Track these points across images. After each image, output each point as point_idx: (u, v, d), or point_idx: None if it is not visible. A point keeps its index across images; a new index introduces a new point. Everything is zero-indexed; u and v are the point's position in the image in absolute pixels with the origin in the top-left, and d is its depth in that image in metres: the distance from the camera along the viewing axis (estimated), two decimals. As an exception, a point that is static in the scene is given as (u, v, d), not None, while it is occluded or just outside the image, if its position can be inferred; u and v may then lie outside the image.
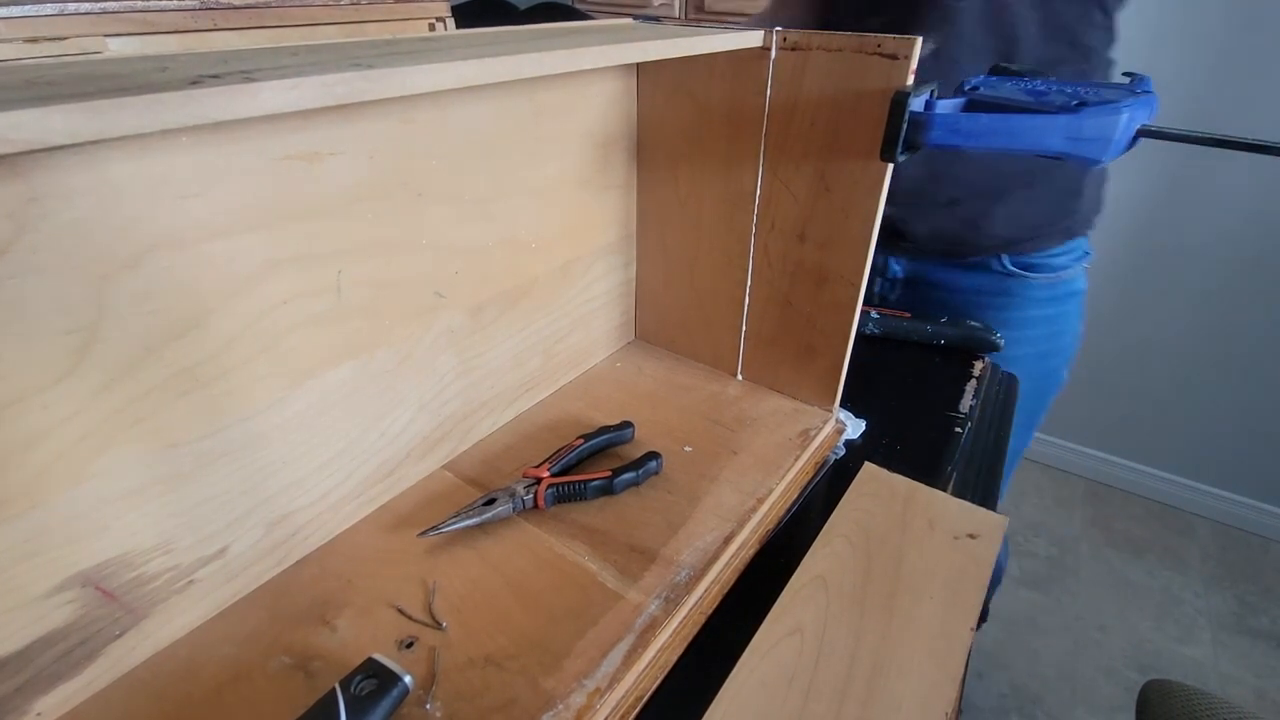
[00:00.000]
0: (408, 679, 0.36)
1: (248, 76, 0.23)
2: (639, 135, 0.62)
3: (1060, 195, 0.78)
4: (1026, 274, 0.81)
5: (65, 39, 0.89)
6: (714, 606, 0.47)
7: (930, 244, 0.83)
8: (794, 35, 0.49)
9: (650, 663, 0.42)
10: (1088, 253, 0.84)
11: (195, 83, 0.22)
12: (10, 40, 0.85)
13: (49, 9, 0.88)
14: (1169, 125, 0.45)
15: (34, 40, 0.87)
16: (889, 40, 0.46)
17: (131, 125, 0.20)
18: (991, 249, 0.80)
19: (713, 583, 0.47)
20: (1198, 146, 0.45)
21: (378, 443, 0.49)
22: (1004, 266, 0.81)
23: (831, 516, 0.53)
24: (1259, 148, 0.43)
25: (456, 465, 0.56)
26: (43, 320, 0.30)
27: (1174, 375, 1.54)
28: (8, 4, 0.83)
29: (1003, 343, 0.66)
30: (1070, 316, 0.86)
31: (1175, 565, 1.51)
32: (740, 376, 0.68)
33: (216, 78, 0.23)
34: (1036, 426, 0.94)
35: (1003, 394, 0.77)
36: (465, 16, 1.38)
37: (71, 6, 0.89)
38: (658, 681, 0.41)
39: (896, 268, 0.88)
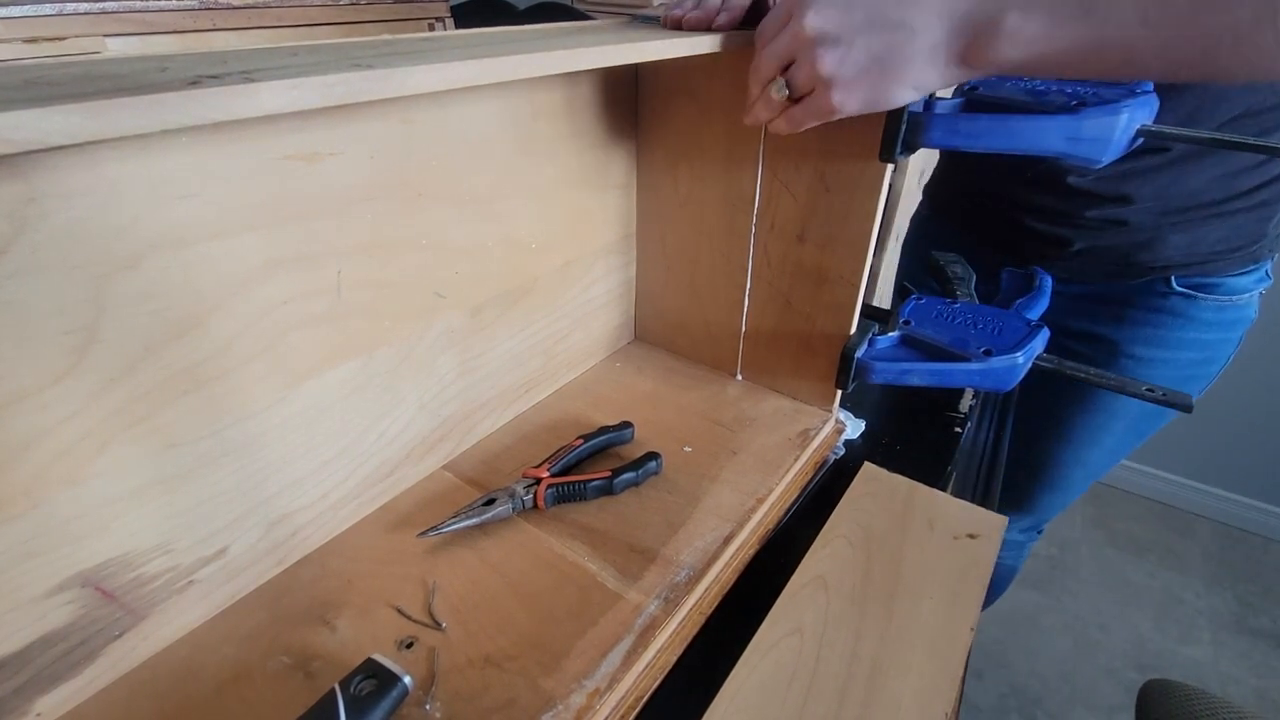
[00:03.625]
0: (407, 679, 0.36)
1: (247, 77, 0.23)
2: (639, 135, 0.62)
3: (1257, 217, 0.64)
4: (1194, 293, 0.67)
5: (64, 39, 0.89)
6: (714, 606, 0.46)
7: (1089, 264, 0.70)
8: (793, 35, 0.49)
9: (650, 663, 0.42)
10: (1268, 277, 0.69)
11: (195, 83, 0.22)
12: (9, 40, 0.85)
13: (48, 9, 0.88)
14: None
15: (33, 40, 0.87)
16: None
17: (131, 125, 0.20)
18: (1159, 270, 0.67)
19: (712, 583, 0.47)
20: (1198, 147, 0.45)
21: (377, 443, 0.49)
22: (1168, 286, 0.67)
23: (831, 516, 0.53)
24: (1259, 148, 0.43)
25: (456, 465, 0.56)
26: (42, 320, 0.30)
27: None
28: (7, 4, 0.83)
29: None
30: (1229, 344, 0.72)
31: (1175, 565, 1.51)
32: (740, 376, 0.68)
33: (216, 78, 0.23)
34: (1131, 449, 0.82)
35: (1002, 394, 0.77)
36: (464, 16, 1.38)
37: (70, 7, 0.89)
38: (657, 682, 0.41)
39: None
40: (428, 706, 0.37)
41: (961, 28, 0.35)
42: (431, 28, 1.28)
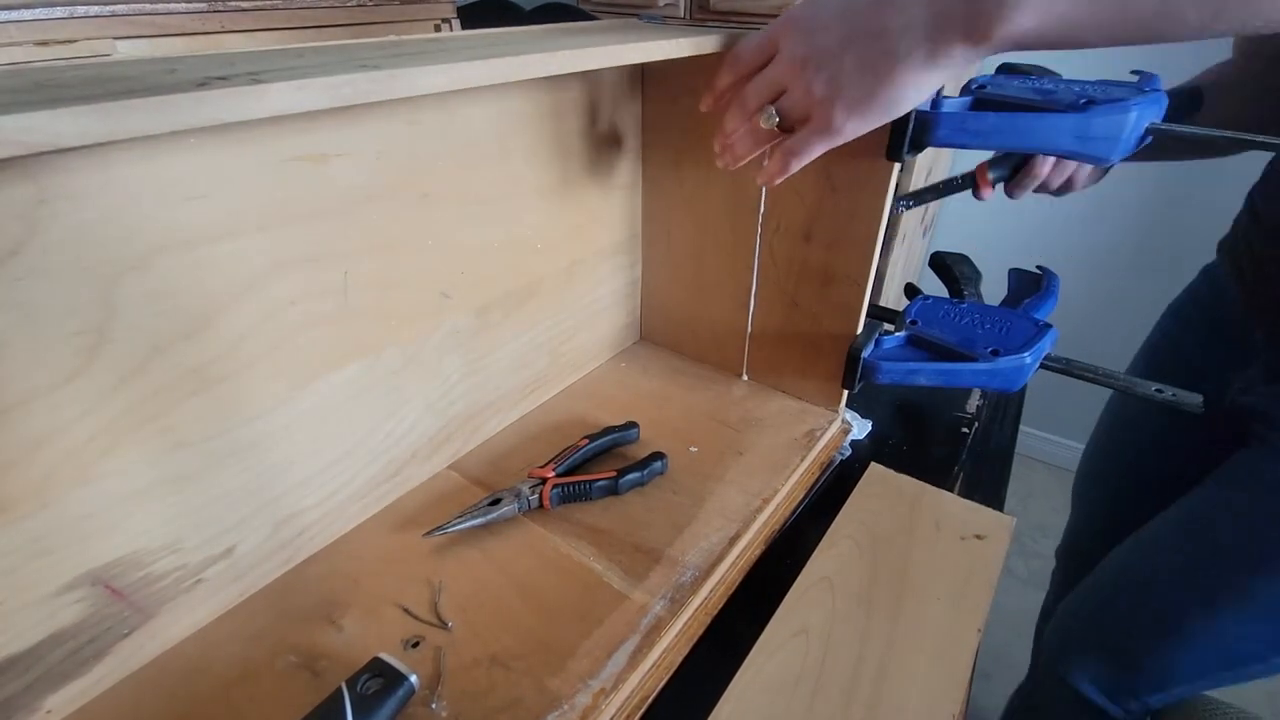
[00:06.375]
0: (413, 678, 0.36)
1: (255, 78, 0.23)
2: (644, 135, 0.62)
3: None
4: None
5: (74, 41, 0.90)
6: (719, 607, 0.46)
7: None
8: (800, 35, 0.49)
9: (655, 663, 0.42)
10: None
11: (203, 84, 0.22)
12: (20, 43, 0.85)
13: (58, 12, 0.88)
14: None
15: (44, 43, 0.88)
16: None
17: (140, 127, 0.20)
18: None
19: (718, 583, 0.47)
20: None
21: (384, 443, 0.49)
22: None
23: (837, 517, 0.53)
24: (1268, 145, 0.43)
25: (462, 465, 0.56)
26: (52, 321, 0.30)
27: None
28: (17, 7, 0.83)
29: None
30: None
31: (1184, 567, 1.50)
32: (746, 377, 0.68)
33: (224, 79, 0.23)
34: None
35: (1009, 394, 0.76)
36: (471, 17, 1.39)
37: (81, 9, 0.90)
38: (663, 682, 0.41)
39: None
40: (434, 705, 0.37)
41: (952, 7, 0.33)
42: (438, 29, 1.29)
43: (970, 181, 0.64)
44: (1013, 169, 0.62)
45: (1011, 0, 0.32)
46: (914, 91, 0.36)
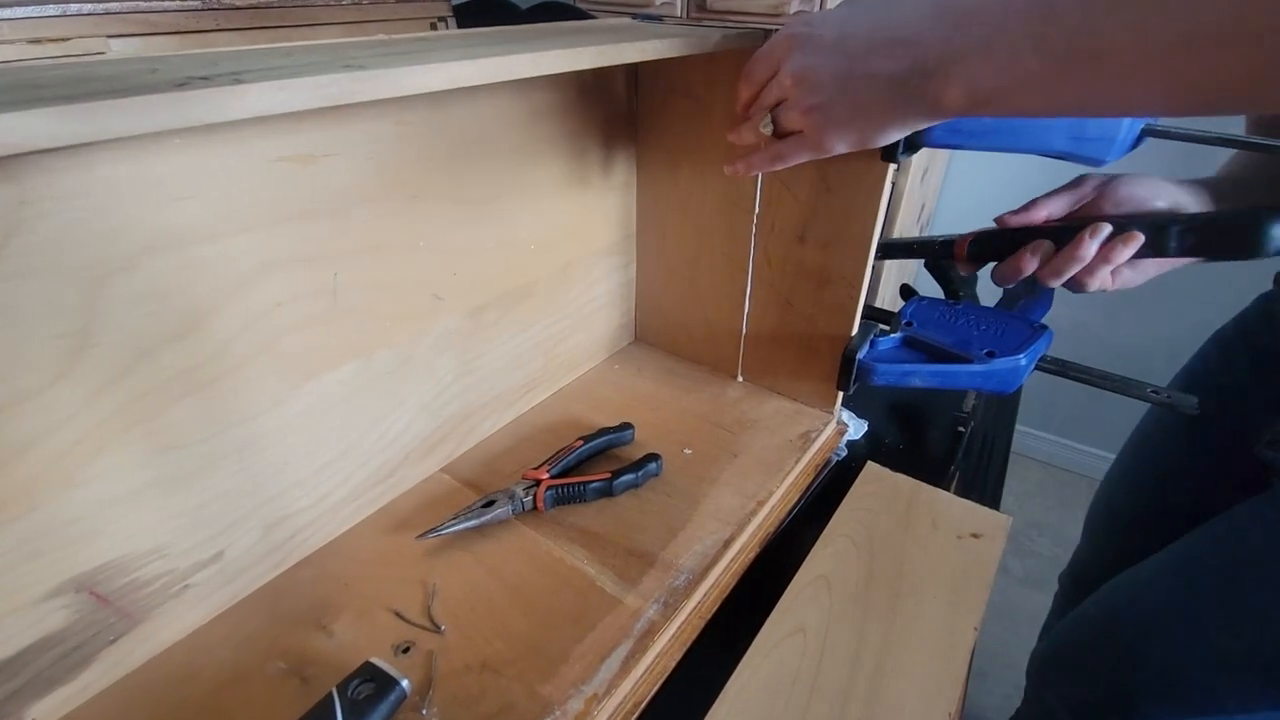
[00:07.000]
0: (405, 683, 0.36)
1: (236, 78, 0.23)
2: (639, 135, 0.62)
3: None
4: None
5: (68, 40, 0.89)
6: (713, 611, 0.46)
7: None
8: (794, 34, 0.49)
9: (649, 668, 0.41)
10: None
11: (183, 85, 0.22)
12: (13, 41, 0.85)
13: (51, 10, 0.88)
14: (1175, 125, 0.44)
15: (37, 41, 0.87)
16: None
17: (117, 128, 0.20)
18: None
19: (712, 587, 0.47)
20: (1204, 146, 0.44)
21: (377, 444, 0.49)
22: None
23: (834, 516, 0.53)
24: (1266, 147, 0.42)
25: (455, 467, 0.56)
26: (37, 323, 0.30)
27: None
28: (11, 5, 0.83)
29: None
30: None
31: (1181, 566, 1.50)
32: (741, 378, 0.68)
33: (205, 79, 0.23)
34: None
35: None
36: (467, 16, 1.38)
37: (74, 8, 0.89)
38: (656, 687, 0.41)
39: None
40: (425, 711, 0.37)
41: (920, 73, 0.34)
42: (434, 27, 1.28)
43: (947, 250, 0.58)
44: (998, 250, 0.54)
45: (941, 75, 0.33)
46: (897, 132, 0.38)
